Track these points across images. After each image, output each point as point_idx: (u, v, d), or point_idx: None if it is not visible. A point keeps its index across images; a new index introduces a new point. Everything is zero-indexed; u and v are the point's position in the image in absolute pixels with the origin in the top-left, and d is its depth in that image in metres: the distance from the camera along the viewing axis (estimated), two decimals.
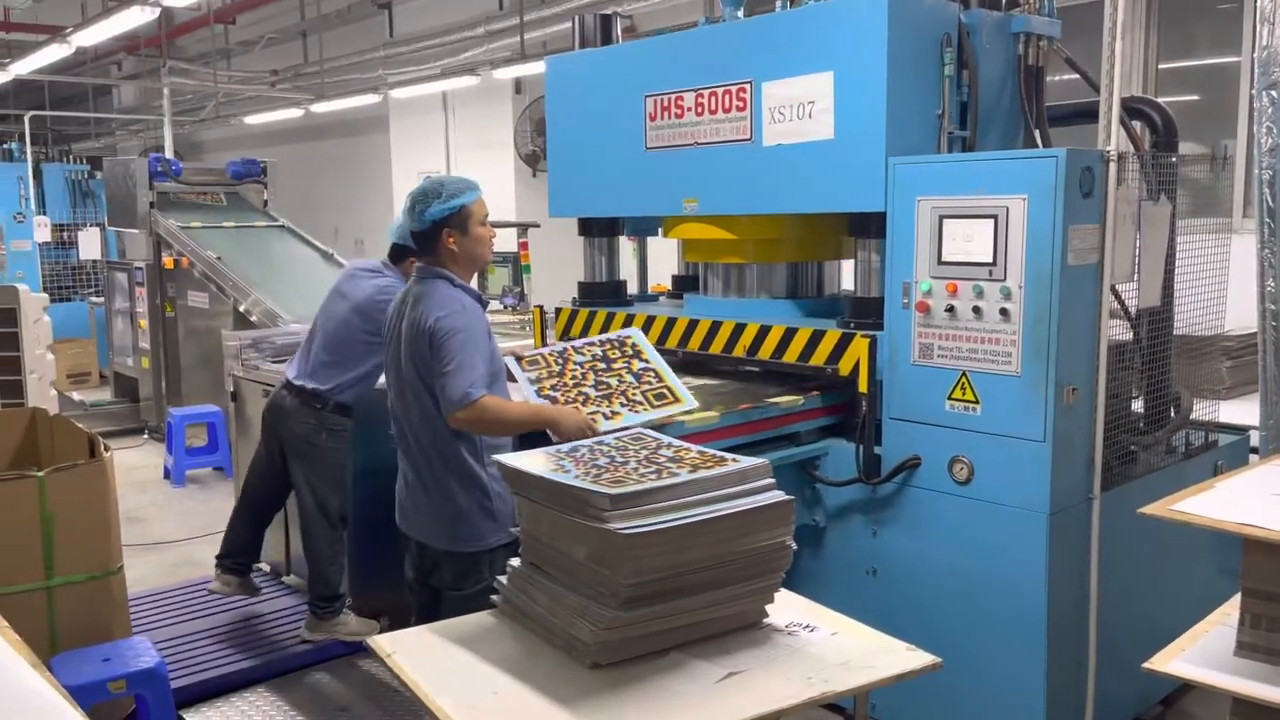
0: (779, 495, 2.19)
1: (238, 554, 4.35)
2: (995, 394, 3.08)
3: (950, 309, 3.15)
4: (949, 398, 3.19)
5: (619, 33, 4.50)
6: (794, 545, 2.21)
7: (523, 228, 6.51)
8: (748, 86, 3.66)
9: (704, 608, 2.13)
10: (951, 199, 3.13)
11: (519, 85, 10.18)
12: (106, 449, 3.52)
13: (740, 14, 4.01)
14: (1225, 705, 2.17)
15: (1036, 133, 3.64)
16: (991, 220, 3.03)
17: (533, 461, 2.32)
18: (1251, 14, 6.15)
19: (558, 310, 4.61)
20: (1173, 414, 3.66)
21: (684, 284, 4.81)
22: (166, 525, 6.13)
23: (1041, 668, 3.05)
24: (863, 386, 3.37)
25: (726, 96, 3.74)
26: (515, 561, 2.35)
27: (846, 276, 4.25)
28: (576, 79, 4.38)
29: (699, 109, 3.84)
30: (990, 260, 3.05)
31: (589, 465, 2.28)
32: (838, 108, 3.40)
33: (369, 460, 4.31)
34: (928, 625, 3.17)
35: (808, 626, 2.26)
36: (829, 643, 2.19)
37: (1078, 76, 3.83)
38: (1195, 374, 3.89)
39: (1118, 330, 3.35)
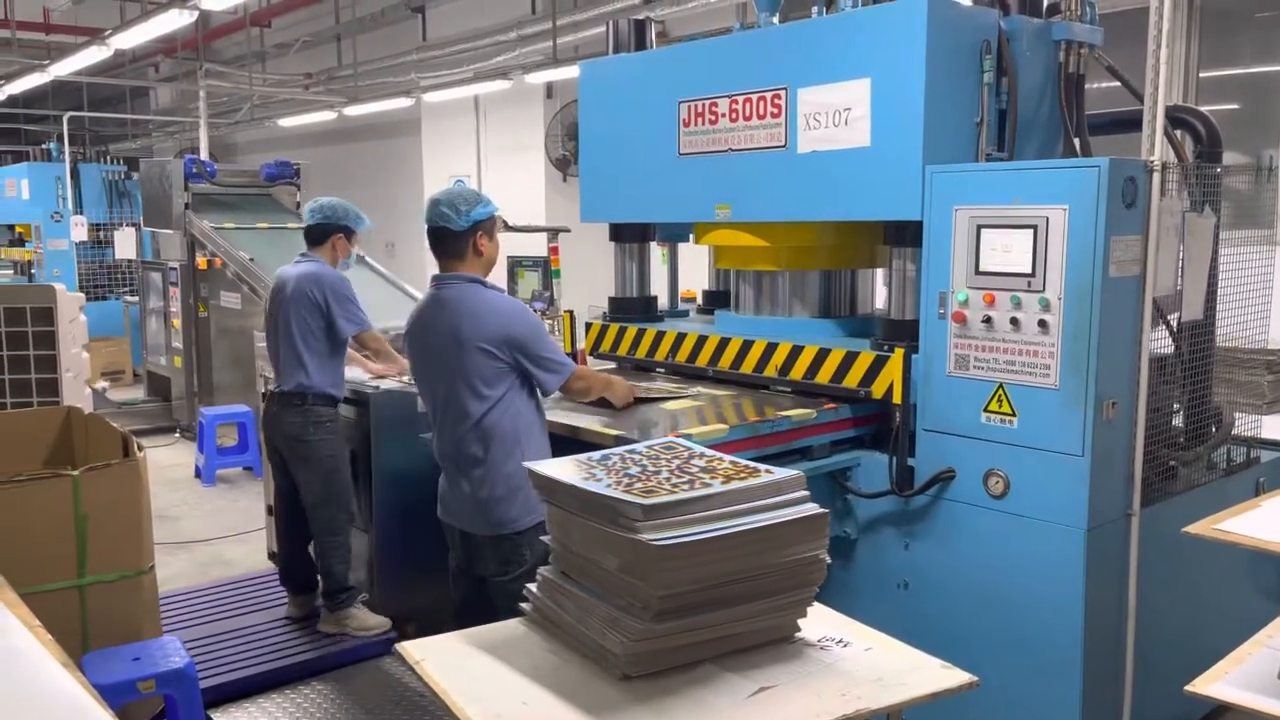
0: (813, 508, 2.16)
1: (295, 573, 4.52)
2: (1033, 407, 3.03)
3: (987, 320, 3.11)
4: (985, 410, 3.15)
5: (653, 38, 4.48)
6: (828, 559, 2.18)
7: (553, 232, 6.51)
8: (783, 93, 3.63)
9: (736, 620, 2.10)
10: (990, 208, 3.08)
11: (550, 90, 10.19)
12: (140, 448, 3.55)
13: (775, 20, 3.98)
14: None
15: (1076, 141, 3.58)
16: (1031, 230, 2.98)
17: (564, 469, 2.29)
18: None
19: (588, 325, 4.59)
20: (1214, 429, 3.59)
21: (715, 299, 4.79)
22: (197, 524, 6.17)
23: (1077, 686, 3.00)
24: (897, 398, 3.32)
25: (761, 103, 3.71)
26: (546, 569, 2.33)
27: (879, 291, 4.22)
28: (610, 84, 4.36)
29: (733, 115, 3.82)
30: (1029, 271, 3.00)
31: (620, 474, 2.26)
32: (874, 115, 3.36)
33: (393, 464, 4.32)
34: (960, 640, 3.12)
35: (841, 641, 2.23)
36: (863, 659, 2.16)
37: (1116, 84, 3.78)
38: (1236, 388, 3.81)
39: (1159, 343, 3.29)
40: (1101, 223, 2.85)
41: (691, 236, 4.44)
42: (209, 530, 6.02)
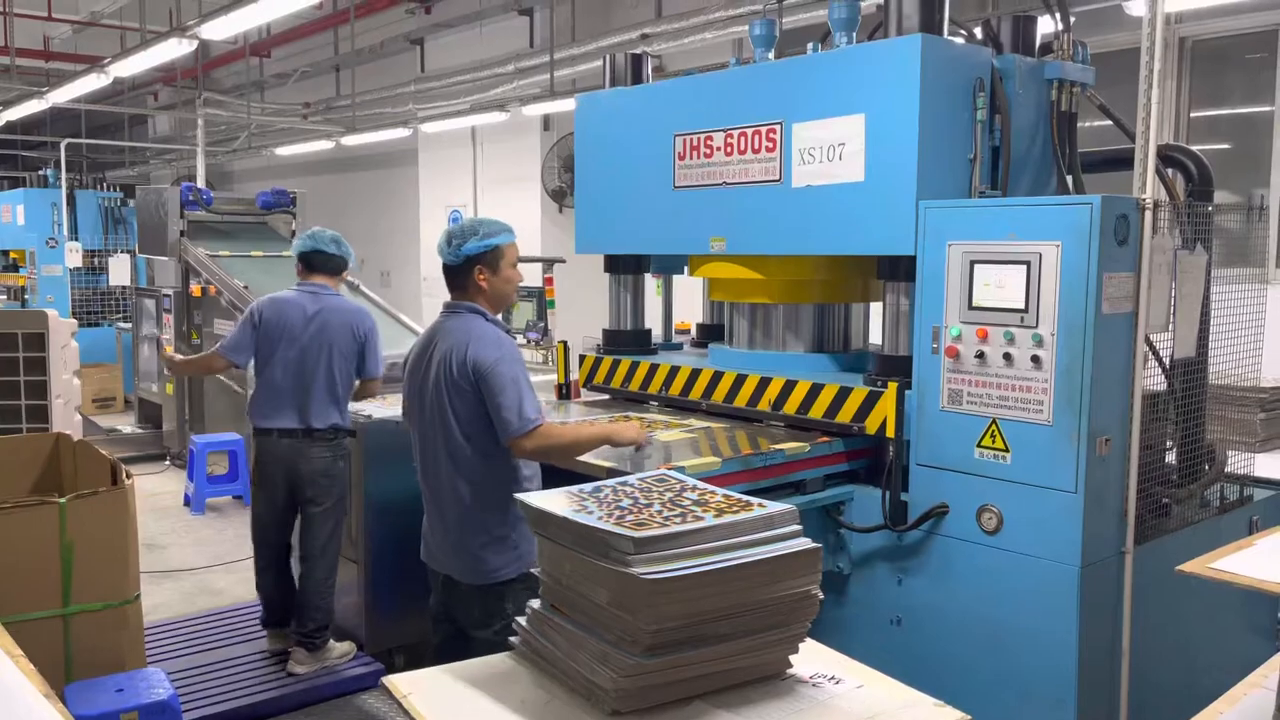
0: (805, 543, 2.14)
1: (283, 609, 4.43)
2: (1026, 443, 3.03)
3: (980, 355, 3.11)
4: (978, 445, 3.14)
5: (649, 72, 4.52)
6: (821, 594, 2.16)
7: (548, 263, 6.52)
8: (778, 127, 3.66)
9: (728, 657, 2.08)
10: (983, 244, 3.10)
11: (547, 122, 10.26)
12: (129, 476, 3.52)
13: (770, 55, 4.02)
14: None
15: (1069, 179, 3.61)
16: (1024, 266, 3.00)
17: (555, 502, 2.28)
18: None
19: (581, 357, 4.59)
20: (1207, 467, 3.58)
21: (709, 333, 4.80)
22: (185, 553, 6.12)
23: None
24: (890, 432, 3.32)
25: (756, 137, 3.74)
26: (535, 602, 2.30)
27: (874, 326, 4.22)
28: (606, 116, 4.39)
29: (728, 149, 3.84)
30: (1022, 306, 3.01)
31: (612, 507, 2.24)
32: (869, 150, 3.38)
33: (384, 494, 4.31)
34: (953, 678, 3.10)
35: (833, 678, 2.20)
36: (854, 696, 2.13)
37: (1107, 123, 3.81)
38: (1229, 426, 3.82)
39: (1152, 380, 3.29)
40: (1094, 259, 2.86)
41: (686, 269, 4.45)
42: (197, 559, 5.97)
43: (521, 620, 2.33)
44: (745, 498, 2.27)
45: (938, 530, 3.26)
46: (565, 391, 4.61)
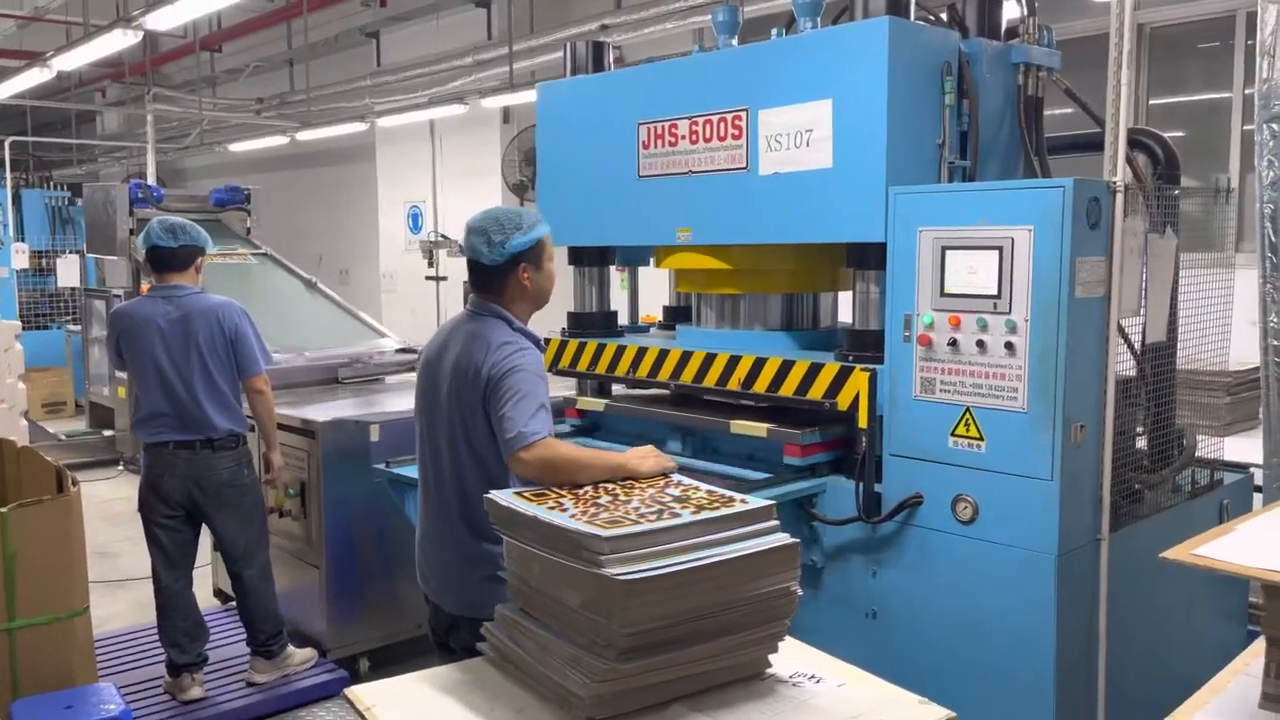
0: (784, 538, 2.08)
1: (202, 640, 4.12)
2: (1000, 431, 2.99)
3: (953, 342, 3.06)
4: (952, 434, 3.09)
5: (611, 60, 4.43)
6: (799, 591, 2.09)
7: None
8: (744, 114, 3.59)
9: (706, 658, 2.01)
10: (954, 229, 3.05)
11: (507, 114, 10.13)
12: (75, 483, 3.37)
13: (734, 42, 3.95)
14: None
15: (1036, 163, 3.57)
16: (996, 251, 2.95)
17: (527, 500, 2.19)
18: (1241, 51, 6.17)
19: (546, 340, 4.49)
20: (1177, 452, 3.57)
21: (676, 315, 4.71)
22: (138, 561, 5.91)
23: (1050, 716, 2.93)
24: (863, 422, 3.26)
25: (722, 124, 3.66)
26: (505, 607, 2.22)
27: (844, 308, 4.17)
28: (568, 106, 4.30)
29: (693, 137, 3.76)
30: (995, 292, 2.96)
31: (589, 504, 2.16)
32: (836, 136, 3.32)
33: (342, 494, 4.19)
34: (929, 670, 3.05)
35: (812, 677, 2.14)
36: (836, 695, 2.07)
37: (1070, 109, 3.78)
38: (1197, 410, 3.81)
39: (1121, 366, 3.27)
40: (1067, 243, 2.82)
41: (652, 260, 4.37)
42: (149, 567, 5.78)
43: (490, 625, 2.25)
44: (727, 493, 2.20)
45: (912, 521, 3.21)
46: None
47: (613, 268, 4.53)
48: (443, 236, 6.67)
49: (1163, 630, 3.41)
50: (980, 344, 3.00)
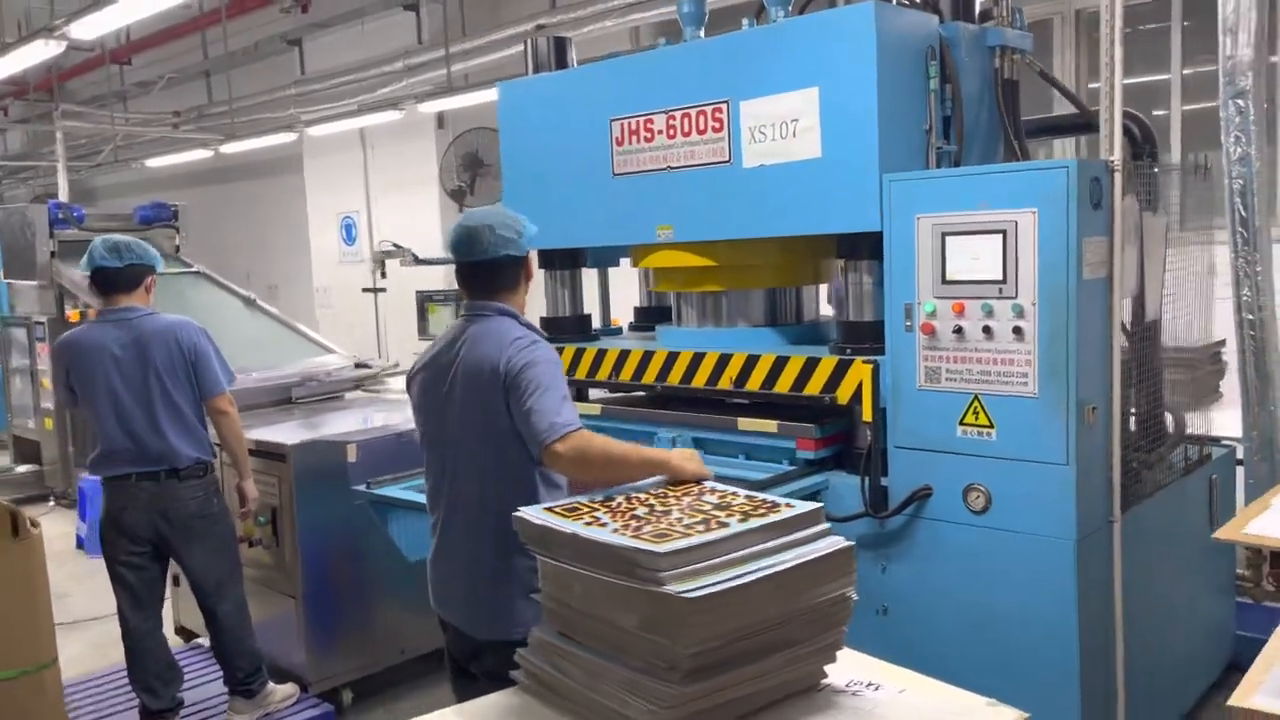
0: (839, 541, 1.99)
1: (176, 683, 3.88)
2: (1011, 417, 2.94)
3: (958, 330, 3.01)
4: (960, 423, 3.04)
5: (574, 58, 4.30)
6: (855, 596, 2.00)
7: None
8: (724, 106, 3.50)
9: (769, 673, 1.90)
10: (954, 215, 3.00)
11: (441, 120, 9.90)
12: (34, 524, 3.13)
13: (701, 34, 3.86)
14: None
15: (1016, 146, 3.55)
16: (1000, 235, 2.91)
17: (559, 515, 2.06)
18: (1178, 32, 6.30)
19: None
20: (1169, 429, 3.59)
21: (649, 315, 4.61)
22: (87, 600, 5.61)
23: (1076, 704, 2.90)
24: (867, 415, 3.20)
25: (701, 117, 3.57)
26: (541, 630, 2.08)
27: (824, 307, 4.11)
28: (531, 105, 4.16)
29: (671, 131, 3.66)
30: (1000, 277, 2.92)
31: (626, 516, 2.04)
32: (825, 125, 3.25)
33: (317, 520, 3.99)
34: (946, 666, 2.92)
35: (870, 685, 2.05)
36: (900, 702, 1.98)
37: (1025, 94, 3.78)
38: (1179, 386, 3.84)
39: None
40: (1074, 225, 2.79)
41: (626, 260, 4.25)
42: (101, 607, 5.44)
43: (524, 652, 2.11)
44: (769, 498, 2.10)
45: (921, 514, 3.16)
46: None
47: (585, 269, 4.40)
48: (395, 245, 6.45)
49: (1165, 607, 3.42)
50: (986, 330, 2.95)
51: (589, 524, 2.00)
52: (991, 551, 3.01)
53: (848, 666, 2.11)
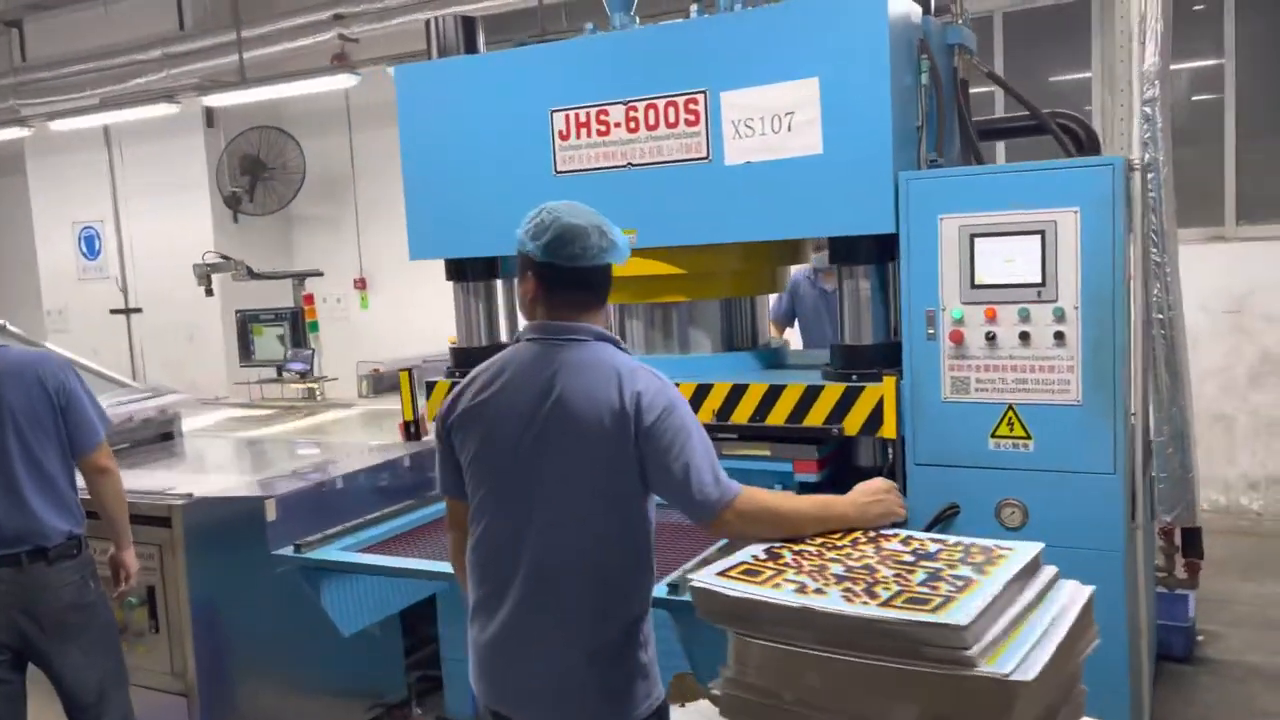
0: (1077, 585, 1.72)
1: None
2: (1051, 426, 2.81)
3: (991, 337, 2.84)
4: (992, 435, 2.88)
5: (481, 41, 3.79)
6: (1099, 639, 1.74)
7: (299, 277, 5.43)
8: (701, 97, 3.15)
9: None
10: (984, 215, 2.83)
11: (211, 118, 8.75)
12: None
13: (633, 19, 3.50)
14: None
15: (975, 148, 3.47)
16: (1038, 236, 2.77)
17: (752, 584, 1.64)
18: (1099, 34, 6.54)
19: (430, 384, 3.74)
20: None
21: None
22: None
23: (1125, 715, 2.81)
24: (890, 432, 2.96)
25: (671, 109, 3.20)
26: None
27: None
28: (439, 93, 3.60)
29: (632, 124, 3.26)
30: (1039, 280, 2.78)
31: (829, 578, 1.66)
32: (827, 118, 2.99)
33: (214, 596, 3.23)
34: None
35: None
36: None
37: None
38: None
39: None
40: (1120, 225, 2.69)
41: None
42: None
43: None
44: (979, 542, 1.79)
45: (949, 533, 2.96)
46: (414, 430, 3.76)
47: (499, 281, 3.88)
48: (223, 258, 5.51)
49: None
50: (1024, 336, 2.81)
51: (796, 589, 1.61)
52: None
53: None
